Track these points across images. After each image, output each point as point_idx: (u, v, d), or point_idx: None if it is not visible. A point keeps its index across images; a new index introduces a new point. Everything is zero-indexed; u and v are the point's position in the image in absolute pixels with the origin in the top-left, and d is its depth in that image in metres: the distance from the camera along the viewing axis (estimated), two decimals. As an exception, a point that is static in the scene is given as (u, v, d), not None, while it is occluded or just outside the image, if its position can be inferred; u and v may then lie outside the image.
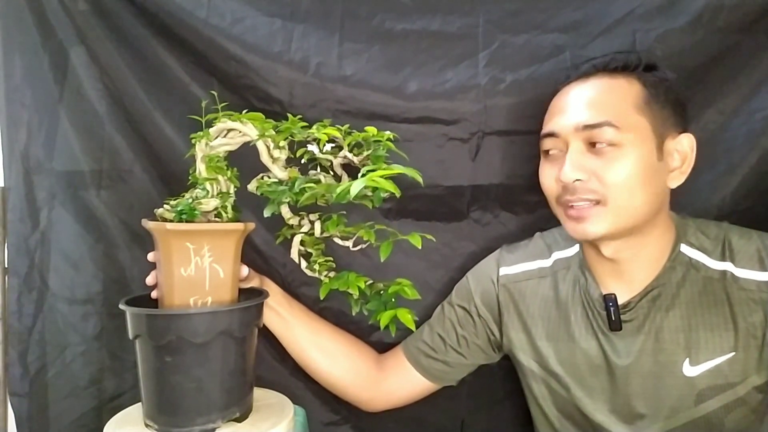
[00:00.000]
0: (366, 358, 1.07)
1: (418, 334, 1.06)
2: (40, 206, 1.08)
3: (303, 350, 1.04)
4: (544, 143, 0.91)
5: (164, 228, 0.78)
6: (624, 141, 0.83)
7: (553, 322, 0.96)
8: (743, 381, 0.84)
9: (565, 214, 0.87)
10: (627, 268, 0.90)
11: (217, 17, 1.04)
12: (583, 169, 0.84)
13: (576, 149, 0.85)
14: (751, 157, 1.02)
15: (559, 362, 0.95)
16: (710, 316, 0.86)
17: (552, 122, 0.89)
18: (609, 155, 0.83)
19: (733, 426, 0.86)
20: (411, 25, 1.08)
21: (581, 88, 0.88)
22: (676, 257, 0.89)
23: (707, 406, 0.86)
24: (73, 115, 1.08)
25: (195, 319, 0.78)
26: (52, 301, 1.08)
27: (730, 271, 0.86)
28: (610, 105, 0.85)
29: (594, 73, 0.88)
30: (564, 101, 0.89)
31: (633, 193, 0.83)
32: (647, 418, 0.89)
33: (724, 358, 0.84)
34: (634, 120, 0.84)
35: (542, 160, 0.93)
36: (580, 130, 0.85)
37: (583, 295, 0.94)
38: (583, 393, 0.94)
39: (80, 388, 1.08)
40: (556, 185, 0.88)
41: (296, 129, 0.85)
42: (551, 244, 1.02)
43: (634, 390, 0.89)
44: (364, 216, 0.99)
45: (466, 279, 1.06)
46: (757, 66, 1.02)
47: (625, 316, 0.89)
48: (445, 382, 1.06)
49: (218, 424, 0.80)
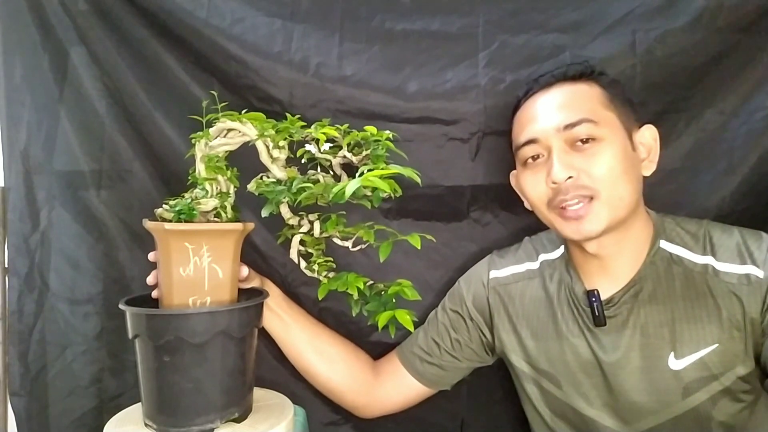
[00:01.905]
0: (363, 364, 1.08)
1: (412, 340, 1.07)
2: (40, 206, 1.08)
3: (302, 353, 1.05)
4: (523, 152, 0.92)
5: (163, 228, 0.79)
6: (602, 135, 0.86)
7: (542, 321, 0.97)
8: (728, 372, 0.85)
9: (561, 216, 0.88)
10: (611, 263, 0.91)
11: (217, 17, 1.04)
12: (571, 167, 0.85)
13: (560, 149, 0.87)
14: (751, 157, 1.02)
15: (548, 361, 0.96)
16: (693, 309, 0.87)
17: (527, 130, 0.91)
18: (590, 150, 0.86)
19: (722, 418, 0.87)
20: (411, 25, 1.08)
21: (548, 97, 0.91)
22: (656, 252, 0.90)
23: (694, 399, 0.86)
24: (73, 115, 1.08)
25: (193, 319, 0.78)
26: (53, 301, 1.08)
27: (712, 264, 0.87)
28: (582, 104, 0.88)
29: (554, 83, 0.91)
30: (534, 110, 0.91)
31: (619, 182, 0.85)
32: (637, 412, 0.90)
33: (708, 350, 0.85)
34: (605, 115, 0.88)
35: (521, 170, 0.94)
36: (561, 131, 0.87)
37: (568, 293, 0.95)
38: (574, 390, 0.94)
39: (80, 388, 1.08)
40: (546, 189, 0.89)
41: (295, 129, 0.85)
42: (538, 248, 1.03)
43: (622, 385, 0.90)
44: (364, 216, 0.98)
45: (458, 284, 1.07)
46: (757, 66, 1.02)
47: (609, 312, 0.90)
48: (440, 386, 1.07)
49: (217, 425, 0.80)
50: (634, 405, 0.90)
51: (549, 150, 0.88)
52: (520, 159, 0.93)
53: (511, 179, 1.02)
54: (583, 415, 0.94)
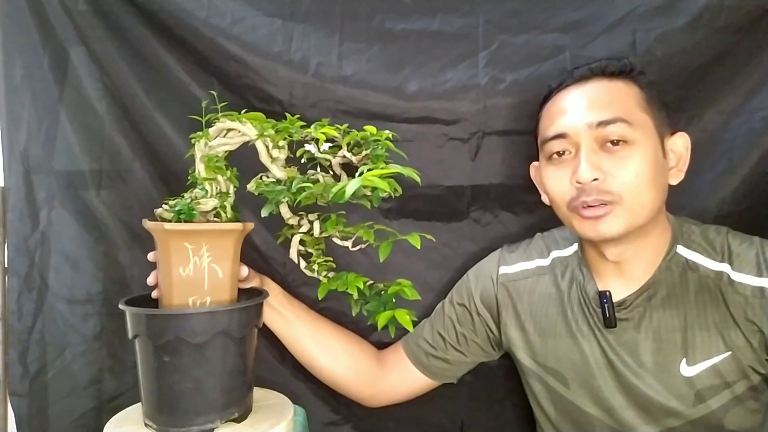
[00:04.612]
0: (367, 355, 1.07)
1: (418, 331, 1.06)
2: (40, 206, 1.08)
3: (305, 348, 1.05)
4: (550, 146, 0.89)
5: (162, 228, 0.78)
6: (635, 138, 0.83)
7: (551, 319, 0.97)
8: (739, 380, 0.85)
9: (580, 215, 0.86)
10: (626, 266, 0.90)
11: (217, 17, 1.04)
12: (598, 168, 0.83)
13: (589, 148, 0.84)
14: (751, 157, 1.02)
15: (556, 359, 0.96)
16: (706, 316, 0.86)
17: (557, 124, 0.88)
18: (620, 153, 0.83)
19: (733, 426, 0.86)
20: (411, 25, 1.08)
21: (582, 90, 0.88)
22: (673, 257, 0.89)
23: (706, 406, 0.85)
24: (73, 115, 1.08)
25: (193, 319, 0.78)
26: (52, 301, 1.08)
27: (727, 273, 0.86)
28: (618, 103, 0.85)
29: (590, 77, 0.88)
30: (566, 103, 0.88)
31: (645, 190, 0.83)
32: (645, 417, 0.89)
33: (720, 358, 0.84)
34: (641, 118, 0.85)
35: (545, 164, 0.91)
36: (593, 128, 0.84)
37: (580, 292, 0.94)
38: (581, 389, 0.94)
39: (80, 388, 1.08)
40: (569, 187, 0.86)
41: (294, 129, 0.85)
42: (550, 245, 1.02)
43: (631, 389, 0.89)
44: (364, 216, 0.98)
45: (467, 277, 1.06)
46: (757, 66, 1.02)
47: (621, 314, 0.89)
48: (446, 379, 1.06)
49: (217, 425, 0.80)
50: (643, 409, 0.89)
51: (577, 147, 0.85)
52: (546, 153, 0.90)
53: (531, 171, 1.00)
54: (588, 414, 0.93)
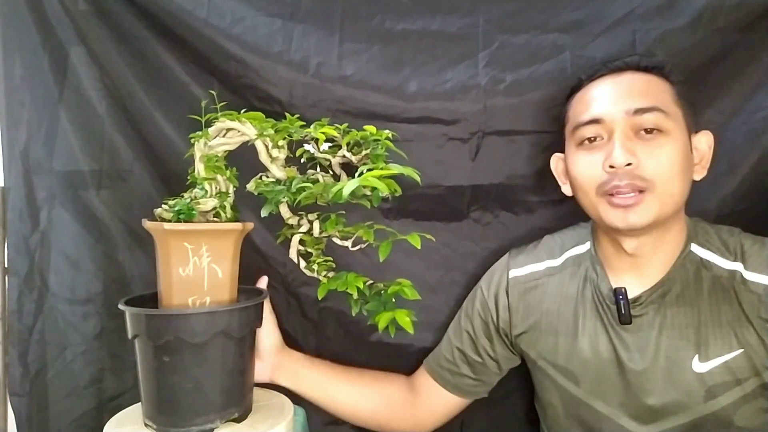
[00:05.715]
0: (398, 388, 1.08)
1: (439, 352, 1.07)
2: (40, 206, 1.08)
3: (345, 404, 1.06)
4: (581, 131, 0.90)
5: (162, 228, 0.78)
6: (669, 128, 0.85)
7: (563, 318, 0.96)
8: (750, 378, 0.85)
9: (609, 203, 0.86)
10: (643, 262, 0.90)
11: (217, 17, 1.04)
12: (632, 153, 0.84)
13: (623, 133, 0.85)
14: (751, 157, 1.02)
15: (567, 358, 0.95)
16: (719, 313, 0.86)
17: (592, 109, 0.89)
18: (654, 141, 0.85)
19: (742, 423, 0.86)
20: (411, 25, 1.08)
21: (618, 80, 0.90)
22: (687, 255, 0.90)
23: (717, 403, 0.86)
24: (73, 115, 1.08)
25: (193, 319, 0.78)
26: (53, 301, 1.08)
27: (740, 271, 0.87)
28: (654, 93, 0.87)
29: (625, 69, 0.90)
30: (601, 90, 0.90)
31: (675, 179, 0.84)
32: (656, 413, 0.89)
33: (732, 355, 0.85)
34: (674, 110, 0.87)
35: (574, 150, 0.92)
36: (630, 115, 0.85)
37: (593, 290, 0.94)
38: (592, 388, 0.93)
39: (80, 388, 1.08)
40: (600, 172, 0.87)
41: (294, 128, 0.85)
42: (561, 244, 1.02)
43: (643, 385, 0.89)
44: (364, 216, 0.98)
45: (479, 287, 1.06)
46: (757, 66, 1.02)
47: (636, 311, 0.89)
48: (476, 395, 1.06)
49: (216, 425, 0.80)
50: (654, 406, 0.88)
51: (611, 133, 0.86)
52: (576, 139, 0.91)
53: (552, 161, 1.01)
54: (599, 413, 0.93)
